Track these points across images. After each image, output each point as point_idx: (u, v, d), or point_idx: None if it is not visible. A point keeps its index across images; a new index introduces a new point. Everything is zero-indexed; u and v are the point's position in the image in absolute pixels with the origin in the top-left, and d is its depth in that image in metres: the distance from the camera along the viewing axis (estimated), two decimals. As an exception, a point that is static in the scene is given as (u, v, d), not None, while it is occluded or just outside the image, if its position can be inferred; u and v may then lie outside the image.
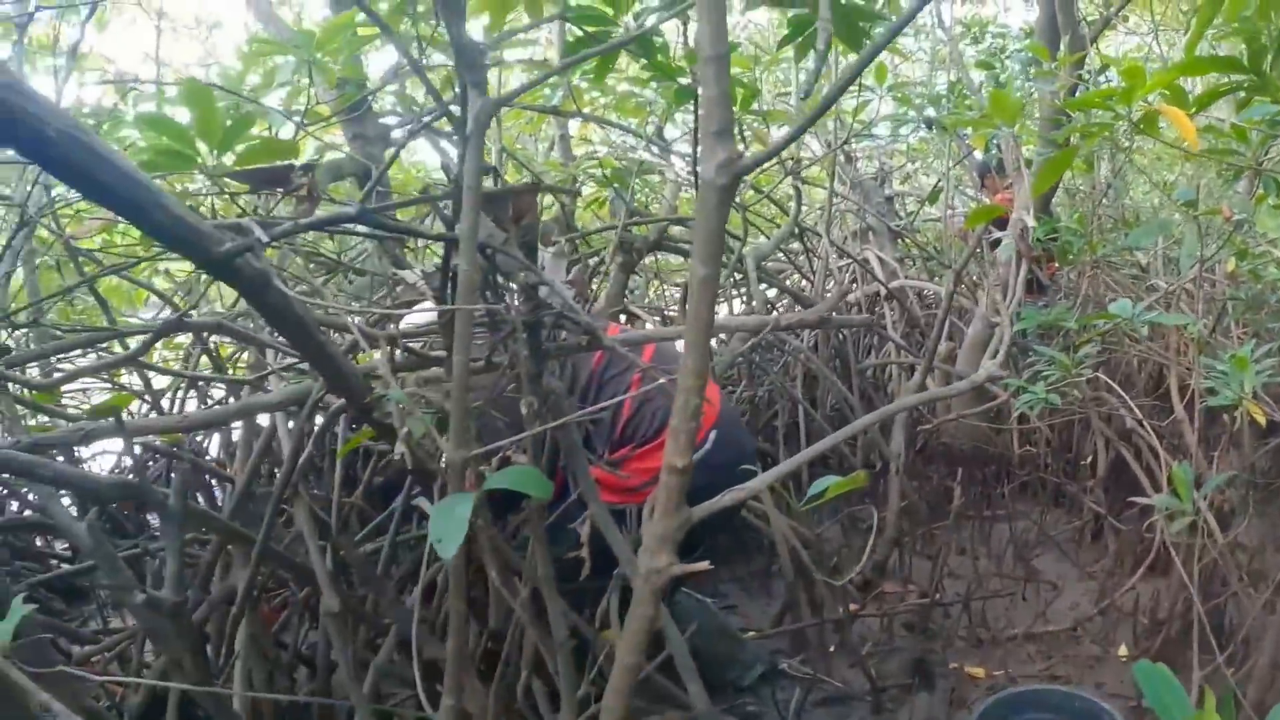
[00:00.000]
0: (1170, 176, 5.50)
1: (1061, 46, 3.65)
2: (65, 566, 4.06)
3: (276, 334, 1.65)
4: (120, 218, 1.35)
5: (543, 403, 1.53)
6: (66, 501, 2.58)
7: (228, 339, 2.22)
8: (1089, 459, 3.99)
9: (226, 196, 1.73)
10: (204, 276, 3.31)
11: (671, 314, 4.38)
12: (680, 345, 1.38)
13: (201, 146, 1.70)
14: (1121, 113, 2.24)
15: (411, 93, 3.46)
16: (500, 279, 1.47)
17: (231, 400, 2.94)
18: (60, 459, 2.63)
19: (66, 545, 4.08)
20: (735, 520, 3.20)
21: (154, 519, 3.75)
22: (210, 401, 3.37)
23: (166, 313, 3.73)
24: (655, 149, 3.47)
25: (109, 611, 3.60)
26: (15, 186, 2.77)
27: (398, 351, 1.60)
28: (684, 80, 2.56)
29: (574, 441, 1.73)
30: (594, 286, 3.49)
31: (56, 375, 2.28)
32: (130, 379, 3.41)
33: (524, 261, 1.41)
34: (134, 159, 1.54)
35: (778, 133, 3.89)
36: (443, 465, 1.35)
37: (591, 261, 3.59)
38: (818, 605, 3.16)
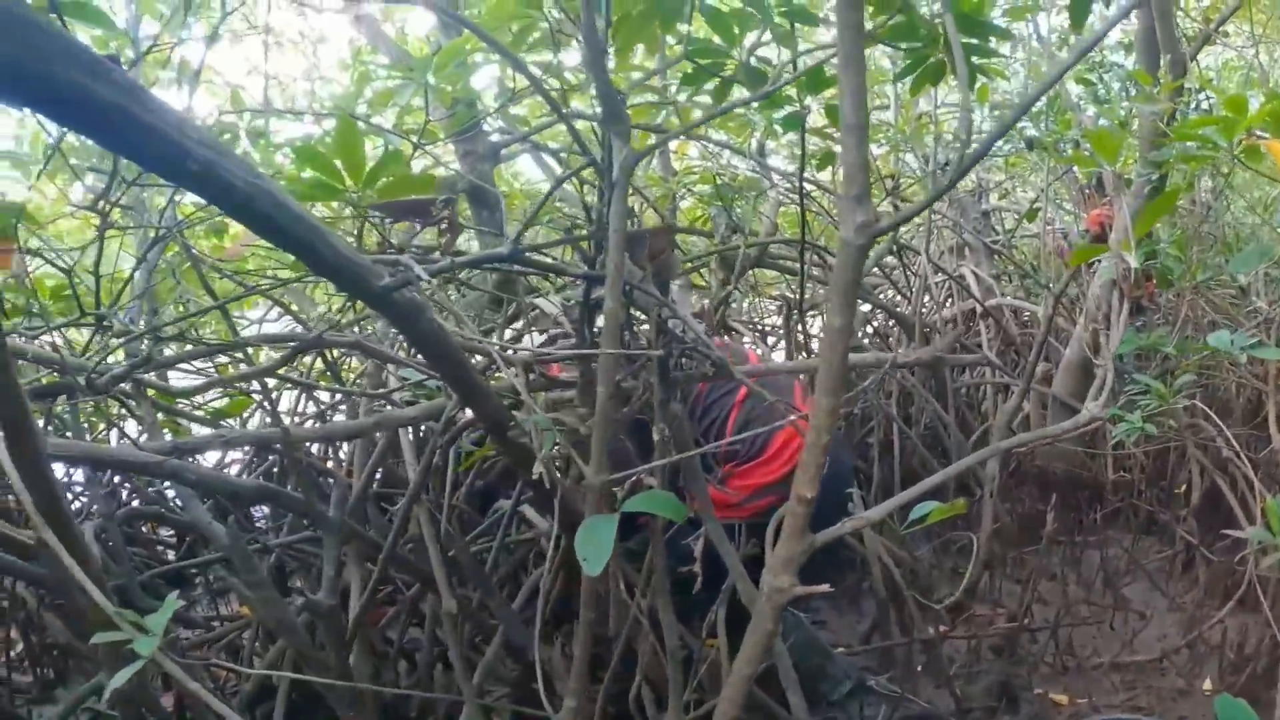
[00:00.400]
0: (1272, 193, 5.40)
1: (1161, 64, 3.63)
2: (170, 553, 4.32)
3: (417, 354, 1.78)
4: (293, 255, 1.48)
5: (671, 429, 1.63)
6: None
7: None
8: (1183, 488, 3.96)
9: (369, 225, 1.86)
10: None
11: (768, 326, 4.45)
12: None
13: (347, 179, 1.84)
14: (1223, 145, 2.27)
15: (517, 111, 3.61)
16: (635, 313, 1.58)
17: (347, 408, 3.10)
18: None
19: (171, 533, 4.32)
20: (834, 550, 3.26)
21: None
22: (318, 407, 3.56)
23: (278, 317, 3.94)
24: (756, 165, 3.55)
25: (216, 600, 3.82)
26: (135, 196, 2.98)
27: (531, 375, 1.71)
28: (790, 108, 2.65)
29: (695, 463, 1.83)
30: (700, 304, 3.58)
31: (195, 383, 2.44)
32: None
33: (660, 298, 1.51)
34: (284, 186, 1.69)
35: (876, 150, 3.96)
36: (579, 486, 1.46)
37: (716, 294, 3.66)
38: (907, 625, 3.21)
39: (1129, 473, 4.16)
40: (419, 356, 1.88)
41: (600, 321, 1.57)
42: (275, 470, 3.55)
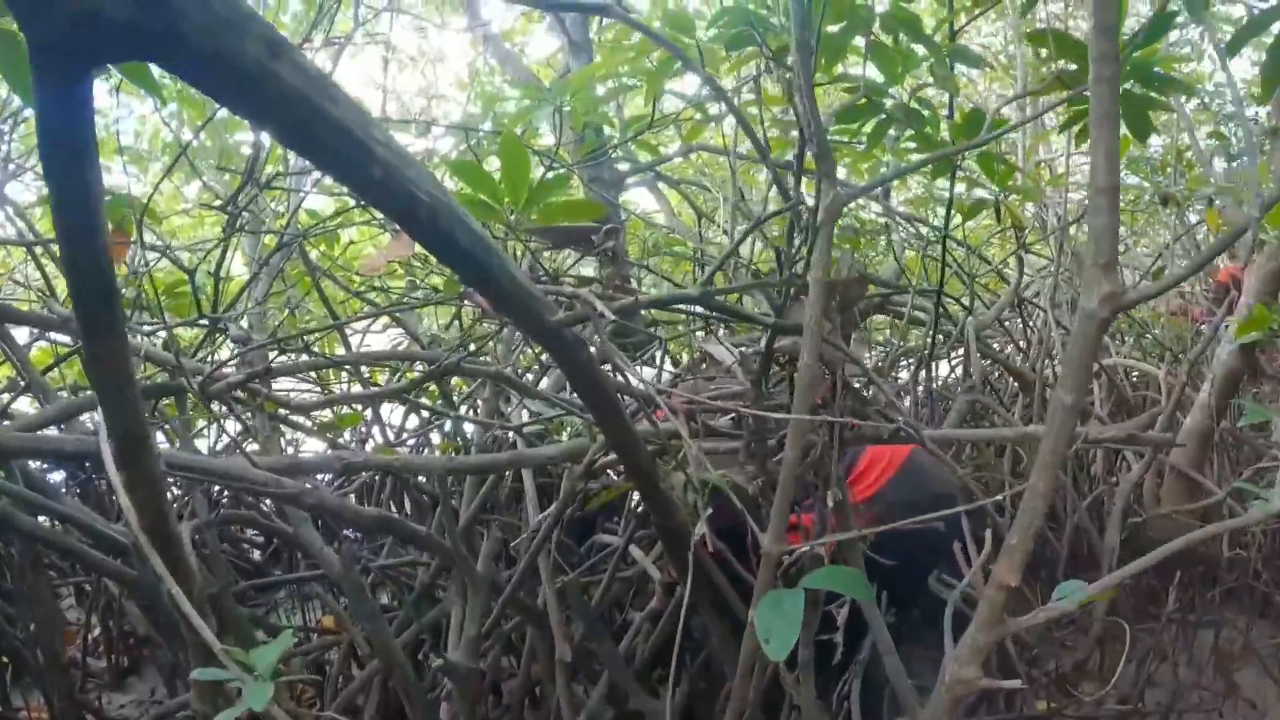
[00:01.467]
0: None
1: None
2: (255, 552, 4.27)
3: (573, 392, 1.66)
4: (464, 280, 1.38)
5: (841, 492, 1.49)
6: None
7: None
8: (1307, 571, 3.71)
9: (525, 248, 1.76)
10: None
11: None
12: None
13: (507, 199, 1.74)
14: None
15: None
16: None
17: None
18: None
19: (256, 531, 4.27)
20: (933, 595, 3.07)
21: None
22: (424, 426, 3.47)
23: (383, 329, 3.88)
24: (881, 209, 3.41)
25: (304, 606, 3.74)
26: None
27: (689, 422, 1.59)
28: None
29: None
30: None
31: (316, 398, 2.37)
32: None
33: (849, 353, 1.38)
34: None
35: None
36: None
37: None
38: (1012, 697, 3.02)
39: (1245, 550, 3.90)
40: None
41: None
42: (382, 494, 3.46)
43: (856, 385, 1.41)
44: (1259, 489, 2.76)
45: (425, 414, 3.48)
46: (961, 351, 3.75)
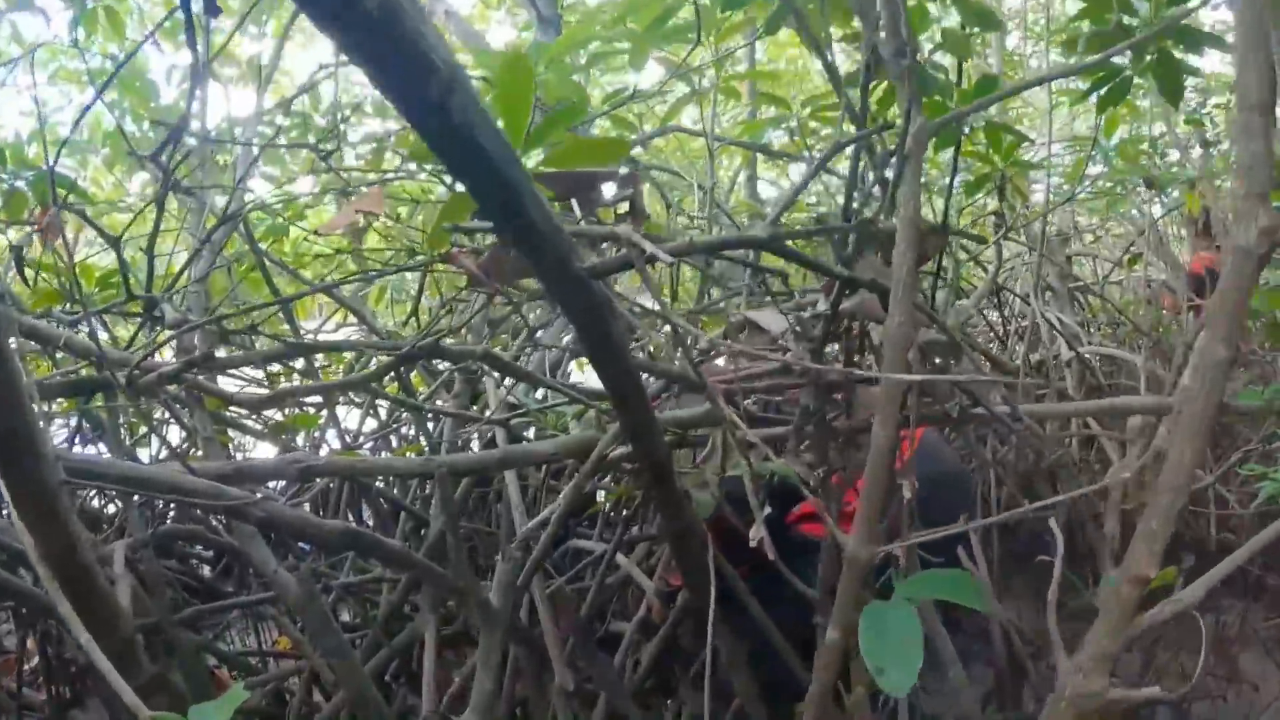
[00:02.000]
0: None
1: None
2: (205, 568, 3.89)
3: (593, 365, 1.36)
4: (483, 208, 1.09)
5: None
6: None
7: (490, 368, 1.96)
8: (1301, 553, 3.58)
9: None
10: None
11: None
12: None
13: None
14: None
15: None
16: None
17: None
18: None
19: (206, 545, 3.89)
20: None
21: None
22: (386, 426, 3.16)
23: (335, 329, 3.56)
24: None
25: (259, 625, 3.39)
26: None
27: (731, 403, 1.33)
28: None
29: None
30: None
31: (266, 392, 2.05)
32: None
33: (931, 313, 1.14)
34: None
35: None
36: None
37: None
38: (1021, 696, 2.82)
39: (1234, 534, 3.77)
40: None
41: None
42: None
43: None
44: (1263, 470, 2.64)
45: (386, 414, 3.18)
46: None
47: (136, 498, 2.64)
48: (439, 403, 2.58)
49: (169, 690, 1.23)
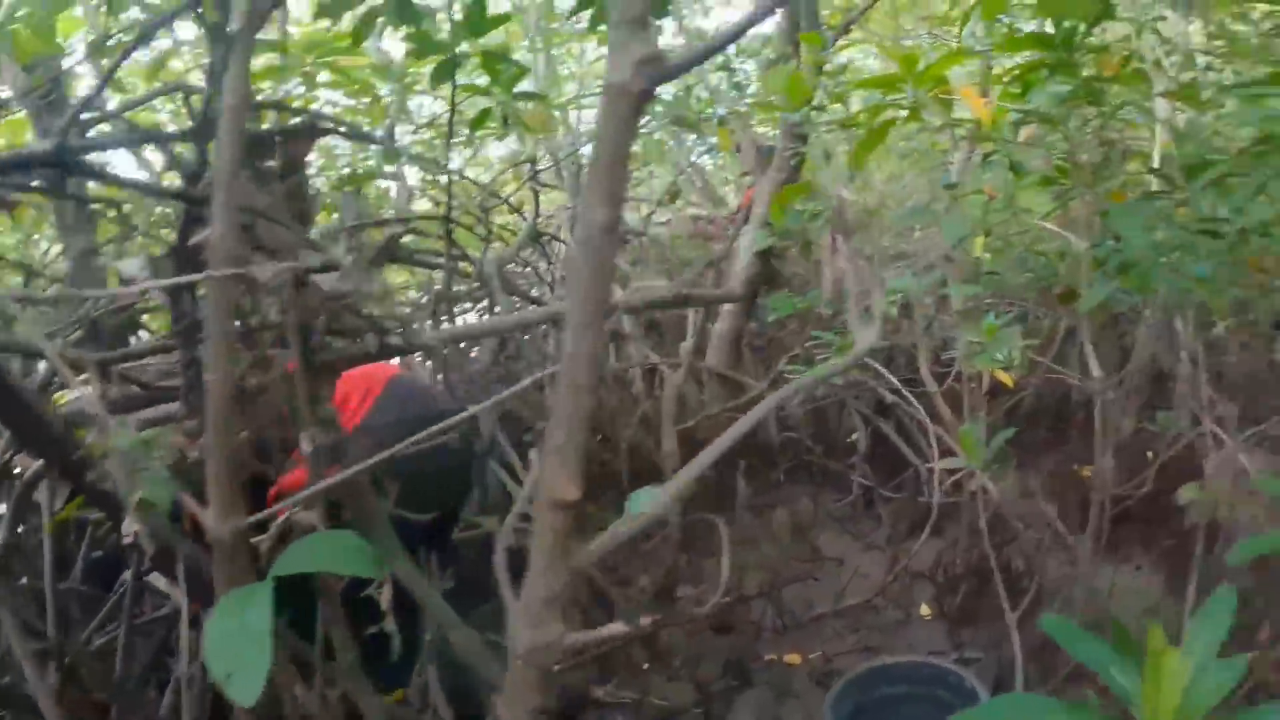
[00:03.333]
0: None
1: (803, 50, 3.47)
2: None
3: None
4: None
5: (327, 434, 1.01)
6: None
7: None
8: (851, 437, 3.88)
9: None
10: None
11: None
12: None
13: None
14: (907, 97, 2.09)
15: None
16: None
17: None
18: None
19: None
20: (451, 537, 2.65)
21: None
22: None
23: None
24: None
25: None
26: None
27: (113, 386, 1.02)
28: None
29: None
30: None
31: None
32: None
33: (299, 234, 0.90)
34: None
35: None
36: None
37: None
38: (612, 618, 2.75)
39: (794, 431, 4.02)
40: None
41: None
42: None
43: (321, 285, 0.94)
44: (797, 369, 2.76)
45: None
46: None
47: None
48: None
49: None
